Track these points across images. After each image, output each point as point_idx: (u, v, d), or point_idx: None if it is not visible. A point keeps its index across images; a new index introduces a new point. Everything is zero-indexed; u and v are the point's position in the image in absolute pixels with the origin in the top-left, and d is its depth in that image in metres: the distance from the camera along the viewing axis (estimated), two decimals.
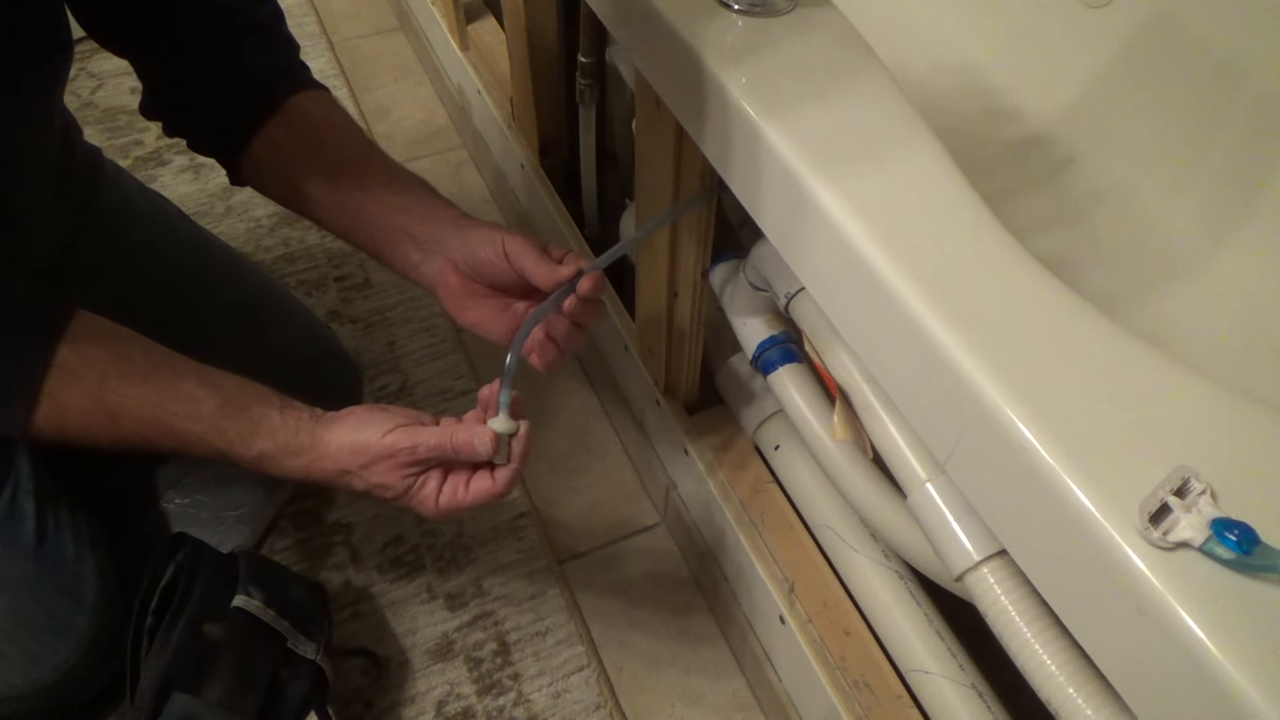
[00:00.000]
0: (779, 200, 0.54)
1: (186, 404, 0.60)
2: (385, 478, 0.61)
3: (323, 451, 0.62)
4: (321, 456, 0.62)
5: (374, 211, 0.69)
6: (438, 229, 0.67)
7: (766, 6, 0.59)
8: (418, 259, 0.68)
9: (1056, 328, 0.44)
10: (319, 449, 0.62)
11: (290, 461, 0.62)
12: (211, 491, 0.88)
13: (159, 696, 0.67)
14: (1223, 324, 0.75)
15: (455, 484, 0.62)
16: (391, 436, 0.60)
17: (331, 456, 0.61)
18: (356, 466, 0.61)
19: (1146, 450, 0.39)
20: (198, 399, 0.61)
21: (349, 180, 0.69)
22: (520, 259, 0.63)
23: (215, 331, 0.83)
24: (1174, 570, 0.36)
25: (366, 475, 0.61)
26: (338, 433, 0.62)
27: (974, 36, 0.96)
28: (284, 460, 0.62)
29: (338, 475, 0.62)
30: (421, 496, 0.62)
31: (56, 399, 0.57)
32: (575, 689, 0.84)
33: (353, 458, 0.61)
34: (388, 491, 0.62)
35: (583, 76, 0.94)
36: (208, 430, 0.61)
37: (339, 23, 1.55)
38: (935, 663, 0.63)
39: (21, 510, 0.70)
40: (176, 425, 0.60)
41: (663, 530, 0.95)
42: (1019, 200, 0.85)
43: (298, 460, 0.61)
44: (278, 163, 0.70)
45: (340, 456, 0.61)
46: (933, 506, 0.54)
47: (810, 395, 0.69)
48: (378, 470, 0.61)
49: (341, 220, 0.70)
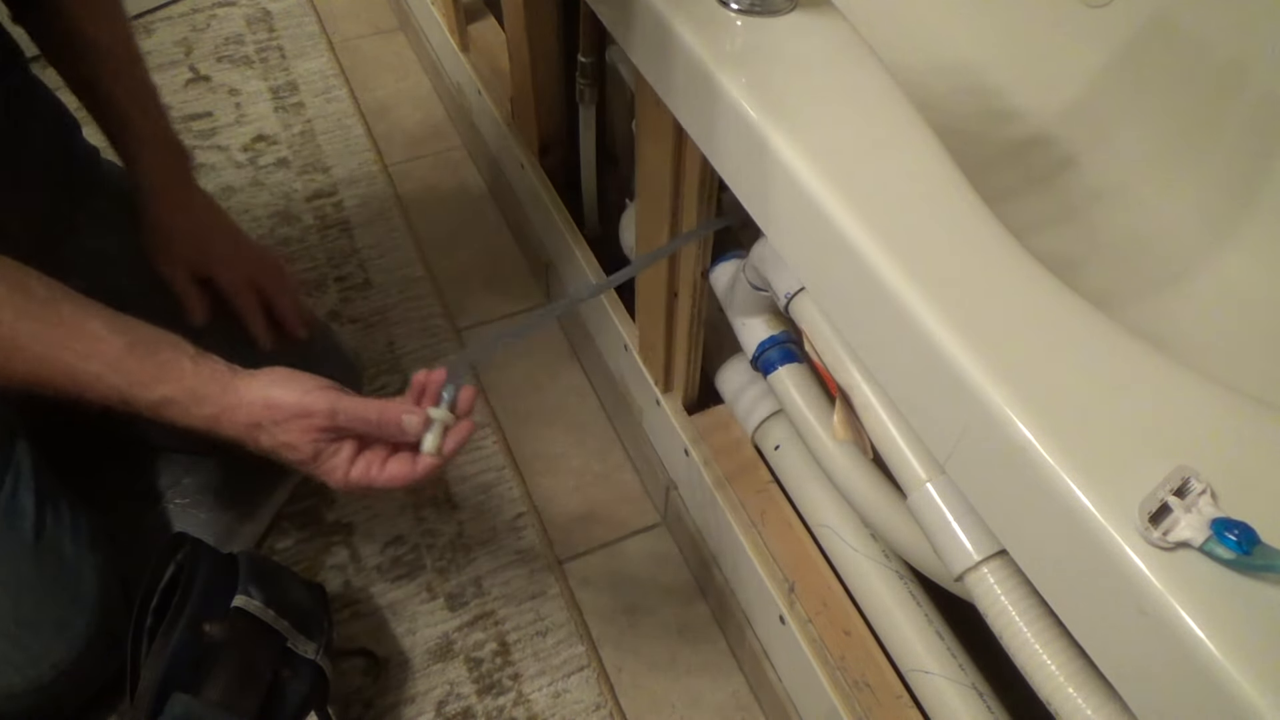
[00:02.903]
0: (778, 200, 0.54)
1: (86, 342, 0.58)
2: (295, 437, 0.58)
3: (234, 402, 0.59)
4: (233, 407, 0.59)
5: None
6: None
7: (766, 6, 0.59)
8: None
9: (1056, 328, 0.44)
10: (230, 399, 0.59)
11: (197, 409, 0.59)
12: (211, 491, 0.88)
13: (159, 696, 0.67)
14: (1223, 324, 0.75)
15: (370, 460, 0.60)
16: (311, 396, 0.59)
17: (244, 408, 0.59)
18: (268, 421, 0.58)
19: (1146, 450, 0.39)
20: (100, 338, 0.58)
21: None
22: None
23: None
24: (1174, 570, 0.36)
25: (276, 432, 0.58)
26: (254, 386, 0.59)
27: (974, 36, 0.96)
28: (190, 407, 0.59)
29: (248, 429, 0.59)
30: (331, 465, 0.59)
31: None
32: (575, 689, 0.84)
33: (266, 412, 0.59)
34: (294, 453, 0.59)
35: (583, 76, 0.94)
36: (106, 369, 0.58)
37: (339, 23, 1.55)
38: (935, 663, 0.63)
39: (20, 508, 0.70)
40: (73, 364, 0.57)
41: (663, 530, 0.95)
42: (1019, 200, 0.85)
43: (205, 409, 0.59)
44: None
45: (253, 409, 0.59)
46: (933, 506, 0.54)
47: (810, 395, 0.69)
48: (289, 428, 0.58)
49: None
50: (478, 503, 0.96)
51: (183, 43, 1.47)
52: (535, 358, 1.10)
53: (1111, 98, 0.87)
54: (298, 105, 1.38)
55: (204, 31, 1.49)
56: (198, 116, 1.35)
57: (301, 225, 1.21)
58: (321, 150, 1.31)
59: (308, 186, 1.26)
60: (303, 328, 0.85)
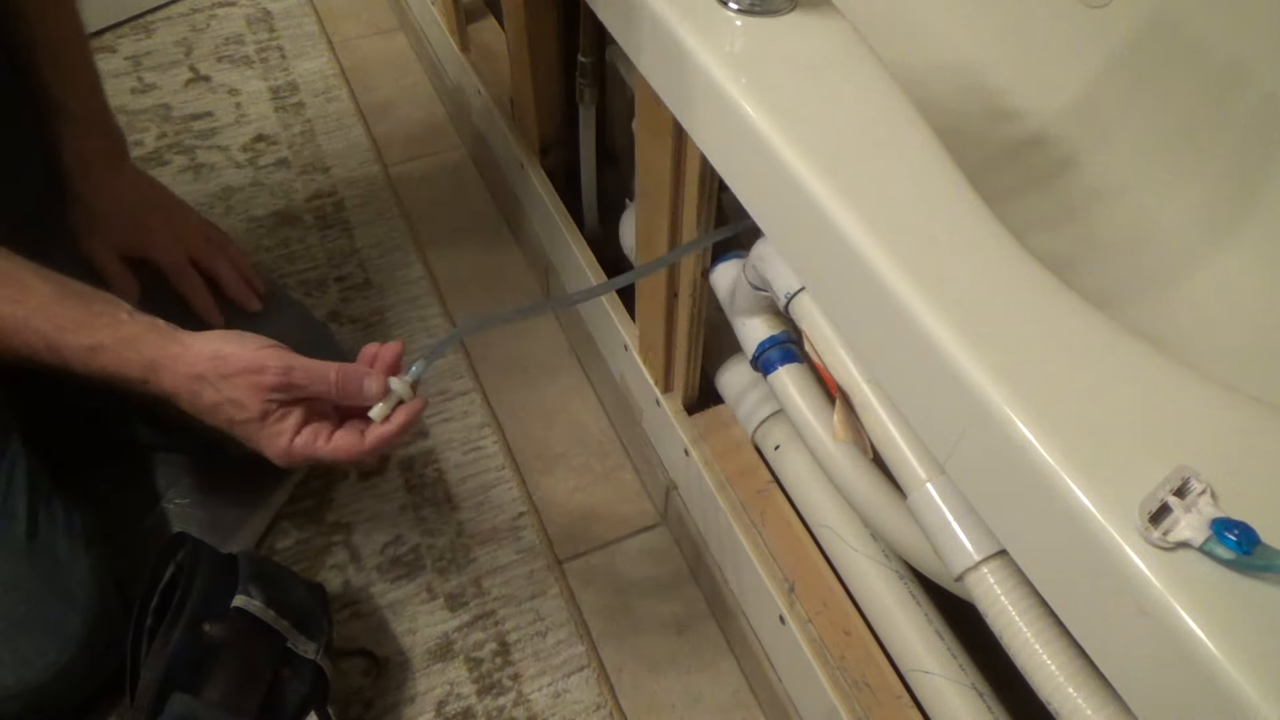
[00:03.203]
0: (778, 200, 0.54)
1: (13, 288, 0.56)
2: (243, 394, 0.55)
3: (176, 351, 0.56)
4: (174, 356, 0.56)
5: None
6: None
7: (766, 6, 0.59)
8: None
9: (1056, 328, 0.44)
10: (173, 348, 0.56)
11: (131, 355, 0.56)
12: (211, 491, 0.88)
13: (159, 696, 0.67)
14: (1223, 324, 0.75)
15: (317, 430, 0.57)
16: (265, 352, 0.56)
17: (187, 360, 0.56)
18: (214, 374, 0.55)
19: (1146, 450, 0.39)
20: (29, 286, 0.56)
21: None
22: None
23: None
24: (1174, 570, 0.36)
25: (222, 386, 0.55)
26: (201, 339, 0.57)
27: (974, 36, 0.96)
28: (124, 353, 0.56)
29: (188, 380, 0.56)
30: (277, 429, 0.56)
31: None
32: (575, 689, 0.84)
33: (213, 363, 0.55)
34: (241, 412, 0.55)
35: (582, 76, 0.94)
36: (33, 313, 0.55)
37: (339, 23, 1.55)
38: (935, 663, 0.63)
39: (13, 508, 0.69)
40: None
41: (663, 530, 0.95)
42: (1019, 200, 0.85)
43: (141, 353, 0.56)
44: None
45: (198, 361, 0.56)
46: (933, 506, 0.54)
47: (810, 395, 0.69)
48: (237, 384, 0.55)
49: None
50: (478, 503, 0.96)
51: (183, 43, 1.47)
52: (535, 358, 1.10)
53: (1111, 98, 0.87)
54: (298, 105, 1.38)
55: (204, 31, 1.49)
56: (198, 116, 1.35)
57: (301, 225, 1.21)
58: (321, 150, 1.32)
59: (308, 186, 1.26)
60: (255, 299, 0.83)
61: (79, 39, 0.76)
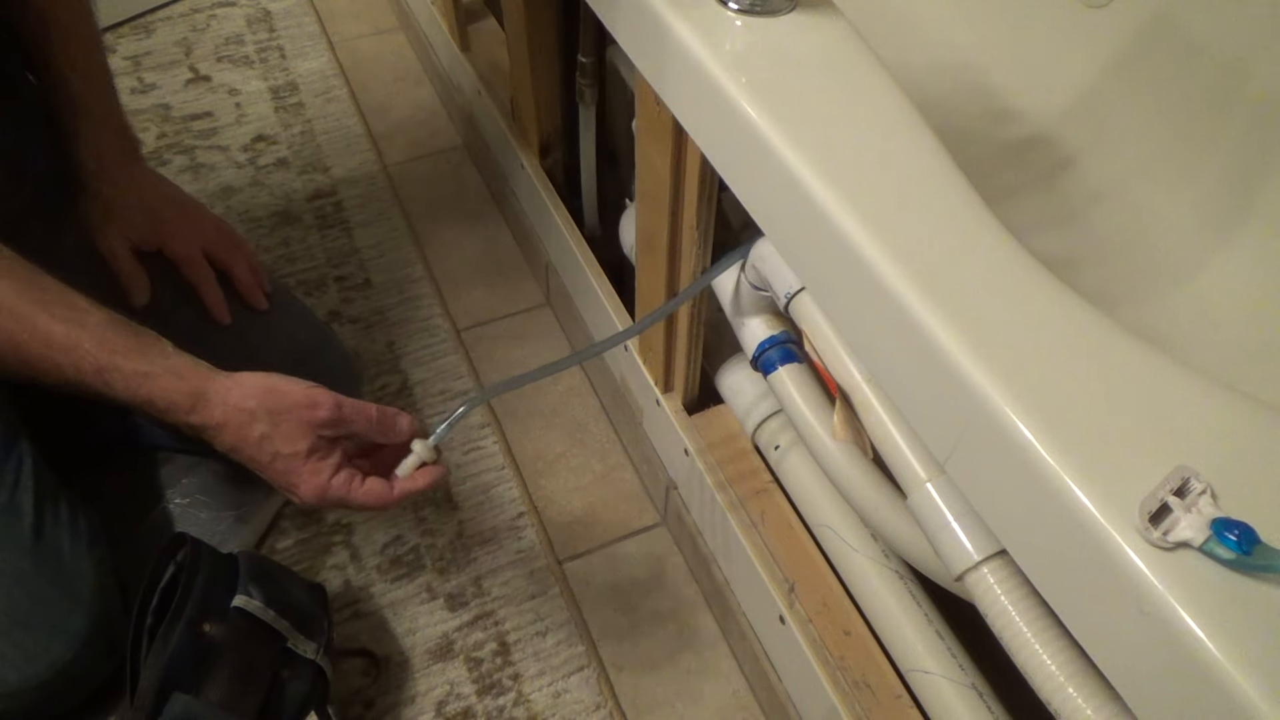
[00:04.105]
0: (779, 200, 0.54)
1: (67, 308, 0.57)
2: (295, 428, 0.57)
3: (227, 385, 0.57)
4: (225, 389, 0.57)
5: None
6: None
7: (766, 6, 0.59)
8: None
9: (1056, 328, 0.44)
10: (222, 382, 0.58)
11: (180, 385, 0.57)
12: (211, 491, 0.88)
13: (159, 696, 0.67)
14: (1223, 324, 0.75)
15: (351, 475, 0.59)
16: (315, 389, 0.58)
17: (239, 392, 0.57)
18: (267, 408, 0.57)
19: (1146, 450, 0.39)
20: (83, 307, 0.57)
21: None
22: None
23: (211, 320, 0.83)
24: (1174, 570, 0.36)
25: (276, 420, 0.57)
26: (250, 375, 0.58)
27: (974, 36, 0.96)
28: (173, 381, 0.57)
29: (239, 414, 0.57)
30: (317, 467, 0.58)
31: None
32: (575, 689, 0.84)
33: (266, 397, 0.57)
34: (289, 445, 0.57)
35: (583, 76, 0.94)
36: (86, 336, 0.56)
37: (339, 23, 1.55)
38: (935, 663, 0.63)
39: (19, 505, 0.70)
40: (50, 328, 0.55)
41: (663, 530, 0.95)
42: (1019, 200, 0.85)
43: (188, 385, 0.57)
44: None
45: (251, 394, 0.57)
46: (933, 506, 0.54)
47: (810, 395, 0.69)
48: (290, 418, 0.57)
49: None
50: (478, 503, 0.96)
51: (183, 43, 1.47)
52: (536, 359, 1.10)
53: (1111, 98, 0.87)
54: (298, 105, 1.38)
55: (204, 31, 1.49)
56: (198, 116, 1.35)
57: (301, 225, 1.21)
58: (321, 150, 1.32)
59: (308, 186, 1.26)
60: (263, 298, 0.85)
61: (96, 39, 0.78)
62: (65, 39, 0.74)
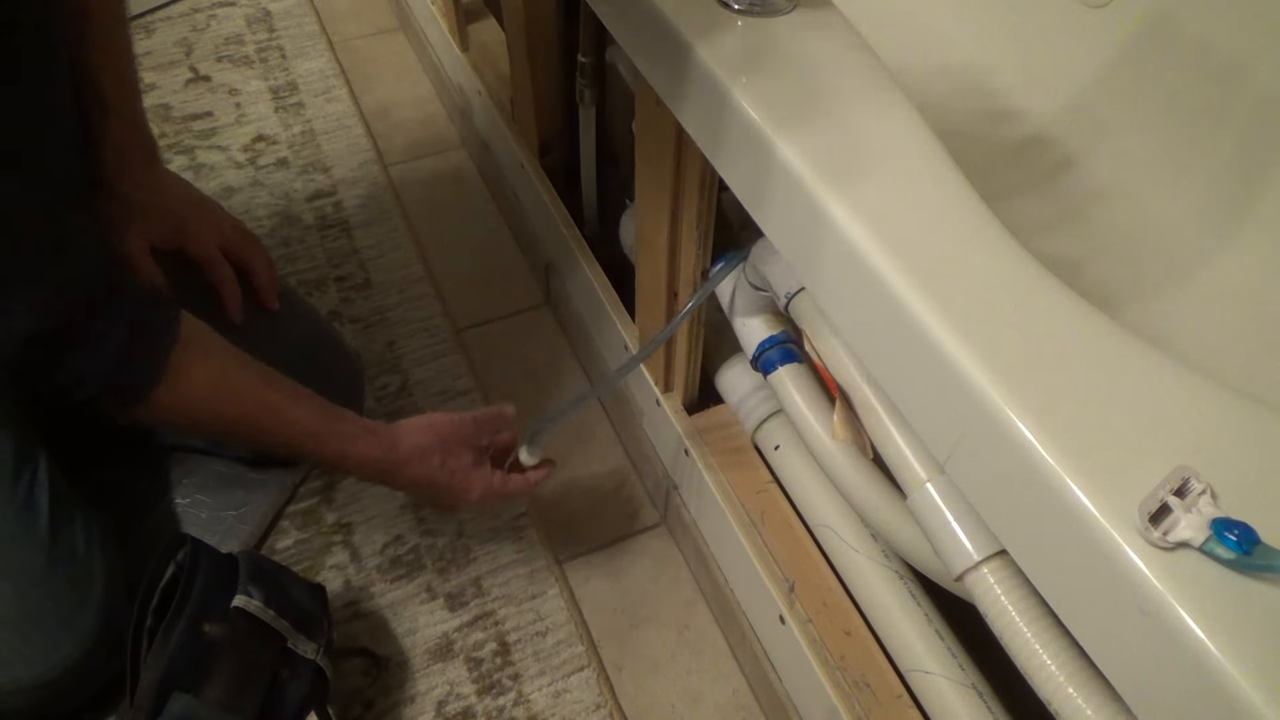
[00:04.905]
0: (779, 200, 0.54)
1: (288, 391, 0.69)
2: (460, 449, 0.74)
3: (399, 434, 0.72)
4: (405, 434, 0.73)
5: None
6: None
7: (766, 6, 0.59)
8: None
9: (1056, 328, 0.44)
10: (395, 431, 0.73)
11: (377, 441, 0.72)
12: (211, 492, 0.88)
13: (159, 696, 0.67)
14: (1223, 324, 0.75)
15: (502, 475, 0.77)
16: (456, 416, 0.74)
17: (411, 434, 0.73)
18: (437, 440, 0.73)
19: (1146, 450, 0.39)
20: (295, 389, 0.70)
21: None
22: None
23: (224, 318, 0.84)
24: (1174, 570, 0.36)
25: (450, 447, 0.73)
26: (413, 420, 0.74)
27: (974, 37, 0.96)
28: (370, 441, 0.72)
29: (419, 451, 0.72)
30: (481, 473, 0.75)
31: (183, 371, 0.63)
32: (575, 689, 0.84)
33: (429, 432, 0.73)
34: (458, 460, 0.74)
35: (582, 76, 0.94)
36: (309, 412, 0.69)
37: (339, 23, 1.55)
38: (935, 663, 0.63)
39: (37, 503, 0.70)
40: (283, 407, 0.69)
41: (663, 530, 0.95)
42: (1019, 200, 0.85)
43: (381, 439, 0.72)
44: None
45: (420, 430, 0.73)
46: (933, 506, 0.54)
47: (810, 395, 0.69)
48: (454, 442, 0.74)
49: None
50: None
51: (183, 43, 1.47)
52: (535, 358, 1.10)
53: (1111, 98, 0.87)
54: (298, 105, 1.38)
55: (204, 31, 1.49)
56: (198, 116, 1.35)
57: (301, 225, 1.21)
58: (321, 150, 1.32)
59: (308, 186, 1.26)
60: (276, 298, 0.87)
61: (128, 40, 0.78)
62: (101, 35, 0.75)
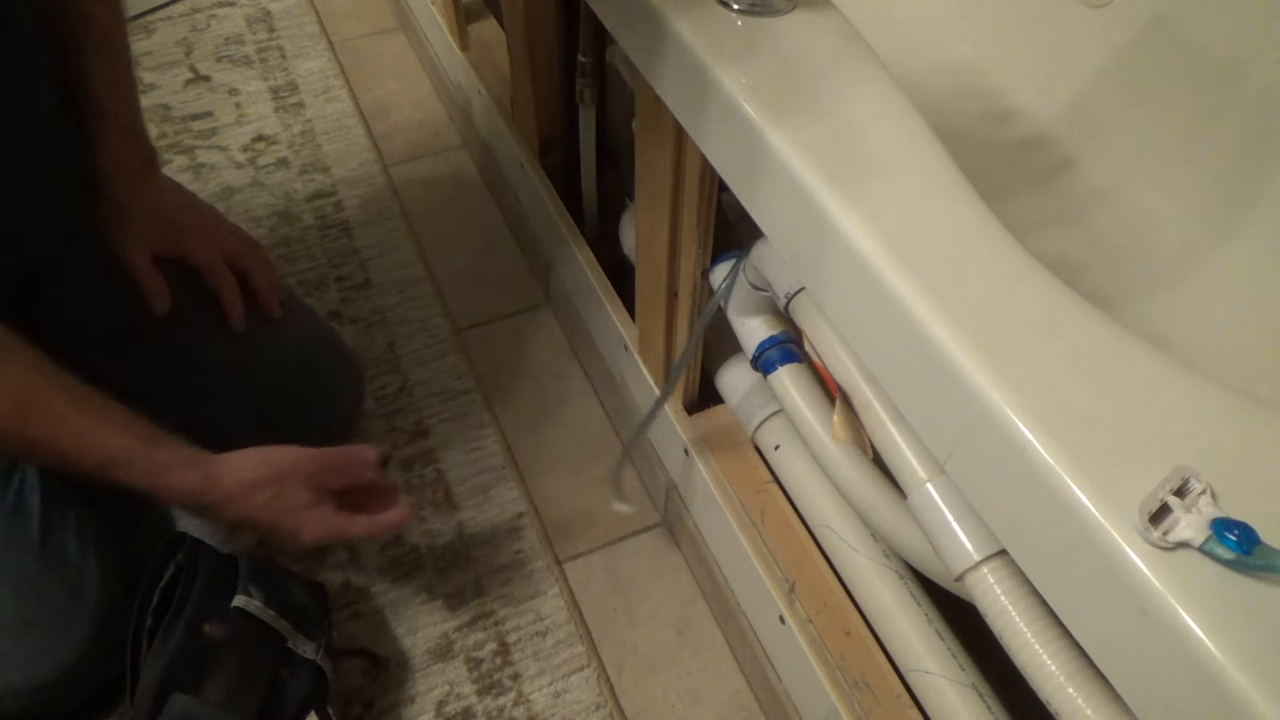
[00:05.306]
0: (778, 201, 0.54)
1: (98, 415, 0.64)
2: (295, 485, 0.70)
3: (232, 464, 0.68)
4: (230, 468, 0.68)
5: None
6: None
7: (766, 6, 0.59)
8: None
9: (1057, 328, 0.44)
10: (226, 461, 0.68)
11: (193, 470, 0.67)
12: None
13: (159, 696, 0.67)
14: (1223, 324, 0.75)
15: (344, 515, 0.73)
16: (294, 450, 0.70)
17: (242, 468, 0.68)
18: (270, 475, 0.69)
19: (1146, 450, 0.39)
20: (110, 413, 0.65)
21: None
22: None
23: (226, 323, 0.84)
24: (1174, 570, 0.36)
25: (284, 482, 0.69)
26: (244, 452, 0.69)
27: (974, 36, 0.96)
28: (187, 470, 0.67)
29: (242, 487, 0.68)
30: (320, 513, 0.71)
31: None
32: (575, 689, 0.84)
33: (263, 468, 0.69)
34: (292, 499, 0.69)
35: (582, 76, 0.94)
36: (118, 438, 0.65)
37: (339, 23, 1.55)
38: (935, 663, 0.63)
39: (27, 506, 0.70)
40: (87, 431, 0.64)
41: (663, 530, 0.95)
42: (1019, 200, 0.85)
43: (200, 470, 0.67)
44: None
45: (250, 466, 0.69)
46: (933, 506, 0.54)
47: (810, 395, 0.69)
48: (290, 478, 0.69)
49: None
50: (478, 503, 0.96)
51: (183, 43, 1.47)
52: (535, 358, 1.10)
53: (1111, 98, 0.87)
54: (298, 105, 1.38)
55: (204, 31, 1.49)
56: (198, 116, 1.35)
57: (301, 225, 1.21)
58: (321, 150, 1.32)
59: (308, 186, 1.26)
60: (278, 306, 0.87)
61: (126, 47, 0.78)
62: (100, 42, 0.75)
